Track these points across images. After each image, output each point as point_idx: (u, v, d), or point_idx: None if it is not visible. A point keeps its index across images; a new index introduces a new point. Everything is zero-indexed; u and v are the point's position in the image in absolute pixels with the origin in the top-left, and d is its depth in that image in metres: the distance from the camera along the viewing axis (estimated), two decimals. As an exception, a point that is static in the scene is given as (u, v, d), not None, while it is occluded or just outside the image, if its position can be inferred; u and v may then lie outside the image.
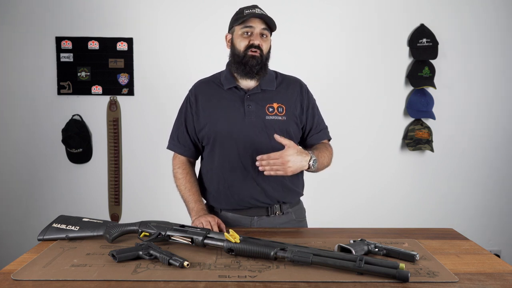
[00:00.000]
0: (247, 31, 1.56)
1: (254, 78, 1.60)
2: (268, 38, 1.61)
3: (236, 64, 1.59)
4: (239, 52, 1.58)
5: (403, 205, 3.04)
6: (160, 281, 1.07)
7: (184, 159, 1.71)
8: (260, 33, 1.57)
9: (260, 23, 1.56)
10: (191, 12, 2.85)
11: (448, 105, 2.98)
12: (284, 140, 1.45)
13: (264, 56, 1.58)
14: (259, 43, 1.56)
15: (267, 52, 1.60)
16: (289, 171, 1.44)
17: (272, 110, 1.60)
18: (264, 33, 1.58)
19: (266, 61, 1.60)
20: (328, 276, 1.10)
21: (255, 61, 1.55)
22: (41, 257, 1.23)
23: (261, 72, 1.59)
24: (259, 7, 1.60)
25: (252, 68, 1.56)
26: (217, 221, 1.51)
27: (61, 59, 2.85)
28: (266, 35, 1.59)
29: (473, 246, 1.38)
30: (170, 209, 2.86)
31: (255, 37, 1.56)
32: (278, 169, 1.43)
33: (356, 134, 2.98)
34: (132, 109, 2.91)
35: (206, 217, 1.53)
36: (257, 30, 1.56)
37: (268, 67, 1.63)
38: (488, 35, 2.95)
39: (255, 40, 1.56)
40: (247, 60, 1.56)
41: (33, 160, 2.92)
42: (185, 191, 1.66)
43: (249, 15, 1.54)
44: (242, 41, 1.57)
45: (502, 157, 3.06)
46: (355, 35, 2.92)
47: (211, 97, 1.64)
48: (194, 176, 1.71)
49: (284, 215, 1.66)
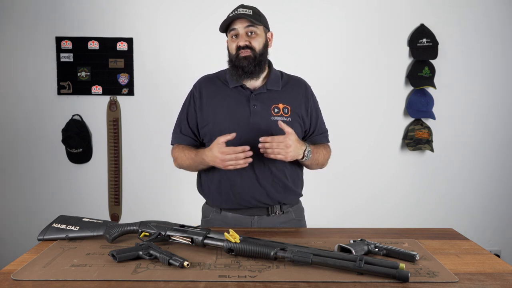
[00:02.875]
0: (233, 34, 1.57)
1: (253, 78, 1.59)
2: (259, 34, 1.58)
3: (232, 68, 1.60)
4: (232, 55, 1.59)
5: (403, 205, 3.04)
6: (160, 281, 1.07)
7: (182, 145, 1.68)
8: (245, 33, 1.56)
9: (243, 22, 1.55)
10: (191, 12, 2.85)
11: (448, 105, 2.98)
12: (287, 127, 1.47)
13: (258, 53, 1.57)
14: (246, 43, 1.55)
15: (261, 48, 1.58)
16: (289, 156, 1.47)
17: (278, 111, 1.60)
18: (250, 30, 1.56)
19: (262, 57, 1.58)
20: (328, 276, 1.10)
21: (247, 61, 1.55)
22: (41, 257, 1.23)
23: (256, 70, 1.57)
24: (244, 6, 1.58)
25: (244, 69, 1.55)
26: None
27: (61, 59, 2.85)
28: (254, 32, 1.57)
29: (473, 246, 1.38)
30: (170, 209, 2.88)
31: (240, 38, 1.56)
32: (279, 152, 1.45)
33: (356, 134, 2.98)
34: (132, 109, 2.91)
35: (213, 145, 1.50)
36: (241, 31, 1.56)
37: (265, 64, 1.62)
38: (488, 35, 2.95)
39: (240, 41, 1.56)
40: (239, 62, 1.56)
41: (33, 160, 2.92)
42: (188, 156, 1.61)
43: (231, 18, 1.55)
44: (232, 44, 1.59)
45: (502, 157, 3.06)
46: (355, 35, 2.92)
47: (216, 94, 1.63)
48: (191, 147, 1.66)
49: (284, 215, 1.66)
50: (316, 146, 1.63)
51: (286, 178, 1.62)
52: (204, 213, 1.74)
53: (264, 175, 1.58)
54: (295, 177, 1.67)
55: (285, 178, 1.62)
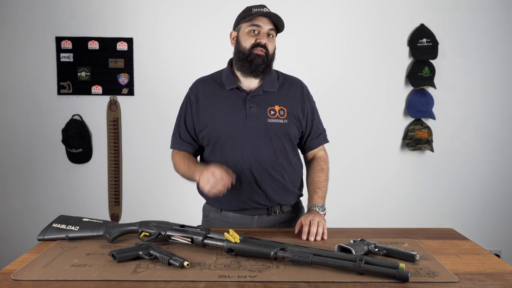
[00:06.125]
0: (254, 29, 1.55)
1: (258, 77, 1.58)
2: (274, 38, 1.60)
3: (240, 61, 1.57)
4: (245, 49, 1.55)
5: (403, 205, 3.04)
6: (160, 281, 1.07)
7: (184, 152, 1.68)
8: (267, 33, 1.55)
9: (267, 23, 1.55)
10: (191, 12, 2.85)
11: (448, 105, 2.98)
12: (297, 229, 1.48)
13: (270, 56, 1.57)
14: (266, 43, 1.54)
15: (272, 53, 1.59)
16: (324, 225, 1.47)
17: (274, 113, 1.59)
18: (271, 33, 1.56)
19: (271, 61, 1.59)
20: (328, 276, 1.10)
21: (261, 59, 1.54)
22: (41, 257, 1.23)
23: (265, 72, 1.57)
24: (267, 7, 1.59)
25: (258, 67, 1.54)
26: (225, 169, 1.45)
27: (61, 59, 2.85)
28: (272, 35, 1.58)
29: (473, 246, 1.38)
30: (170, 209, 2.88)
31: (262, 36, 1.55)
32: (320, 233, 1.44)
33: (356, 134, 2.98)
34: (132, 109, 2.91)
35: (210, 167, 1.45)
36: (264, 29, 1.55)
37: (272, 68, 1.61)
38: (488, 35, 2.95)
39: (262, 39, 1.54)
40: (252, 58, 1.54)
41: (33, 160, 2.92)
42: (185, 166, 1.61)
43: (257, 13, 1.53)
44: (249, 39, 1.55)
45: (502, 157, 3.06)
46: (355, 35, 2.92)
47: (212, 97, 1.62)
48: (191, 157, 1.66)
49: (284, 214, 1.66)
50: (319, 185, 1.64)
51: (285, 180, 1.62)
52: (204, 212, 1.75)
53: (263, 178, 1.58)
54: (294, 178, 1.67)
55: (284, 180, 1.62)
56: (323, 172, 1.68)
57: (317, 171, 1.67)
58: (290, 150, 1.63)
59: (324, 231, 1.45)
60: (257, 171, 1.57)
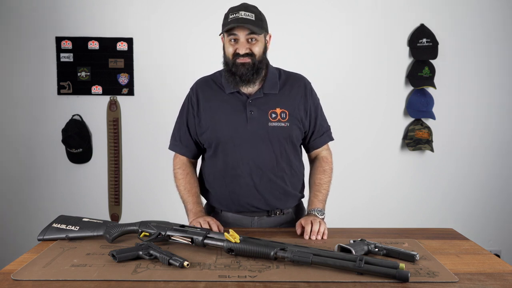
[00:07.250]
0: (232, 38, 1.49)
1: (250, 83, 1.54)
2: (259, 40, 1.51)
3: (227, 72, 1.54)
4: (228, 59, 1.52)
5: (403, 205, 3.04)
6: (160, 281, 1.07)
7: (185, 159, 1.68)
8: (246, 40, 1.48)
9: (244, 29, 1.47)
10: (191, 12, 2.85)
11: (448, 105, 2.98)
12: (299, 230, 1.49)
13: (257, 60, 1.51)
14: (247, 51, 1.49)
15: (261, 54, 1.52)
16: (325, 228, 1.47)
17: (275, 116, 1.55)
18: (251, 37, 1.48)
19: (260, 64, 1.52)
20: (328, 276, 1.10)
21: (245, 68, 1.49)
22: (41, 257, 1.23)
23: (254, 78, 1.52)
24: (247, 8, 1.50)
25: (243, 76, 1.50)
26: (215, 221, 1.50)
27: (61, 59, 2.85)
28: (255, 39, 1.49)
29: (473, 246, 1.38)
30: (170, 209, 2.86)
31: (241, 45, 1.48)
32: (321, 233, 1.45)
33: (356, 134, 2.98)
34: (132, 109, 2.91)
35: (205, 218, 1.52)
36: (242, 38, 1.48)
37: (263, 70, 1.56)
38: (488, 35, 2.95)
39: (240, 49, 1.48)
40: (235, 70, 1.50)
41: (33, 160, 2.92)
42: (184, 191, 1.64)
43: (232, 21, 1.46)
44: (229, 47, 1.51)
45: (502, 157, 3.06)
46: (355, 35, 2.92)
47: (213, 99, 1.59)
48: (194, 177, 1.68)
49: (285, 215, 1.66)
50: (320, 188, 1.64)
51: (285, 184, 1.60)
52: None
53: (262, 182, 1.56)
54: (295, 181, 1.65)
55: (284, 184, 1.60)
56: (325, 174, 1.66)
57: (319, 172, 1.66)
58: (291, 153, 1.61)
59: (324, 230, 1.45)
60: (257, 176, 1.55)
